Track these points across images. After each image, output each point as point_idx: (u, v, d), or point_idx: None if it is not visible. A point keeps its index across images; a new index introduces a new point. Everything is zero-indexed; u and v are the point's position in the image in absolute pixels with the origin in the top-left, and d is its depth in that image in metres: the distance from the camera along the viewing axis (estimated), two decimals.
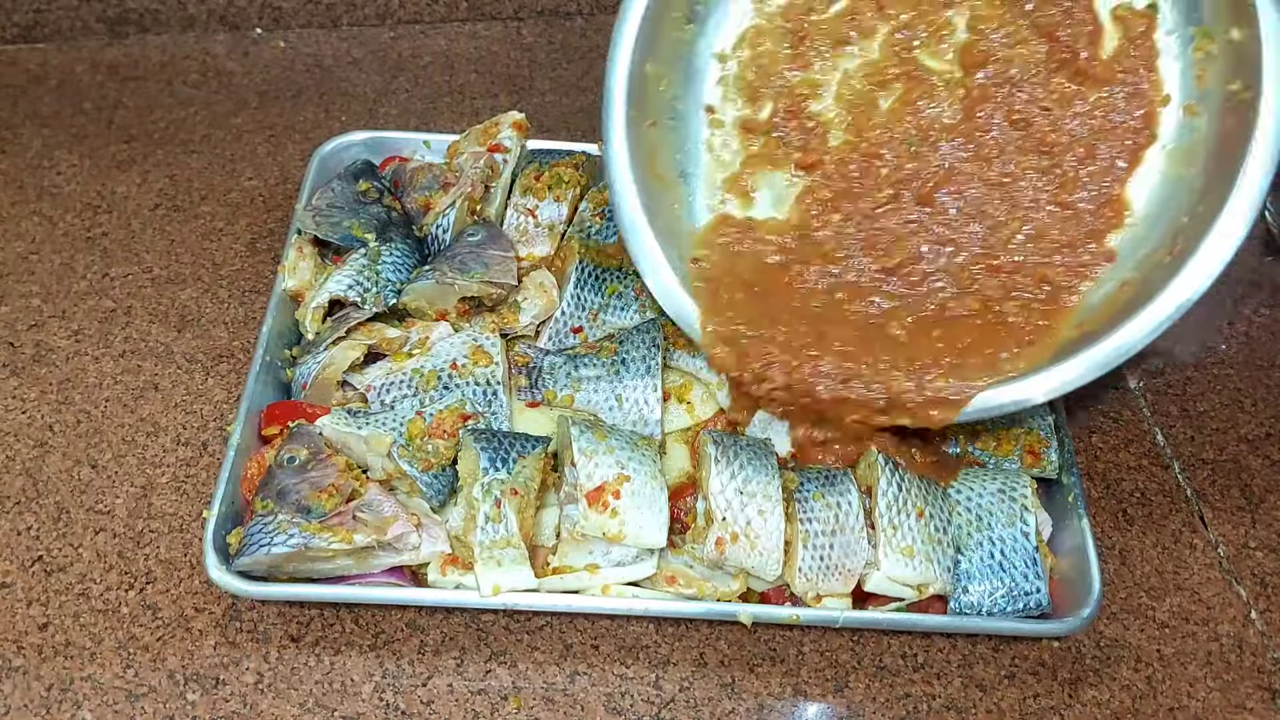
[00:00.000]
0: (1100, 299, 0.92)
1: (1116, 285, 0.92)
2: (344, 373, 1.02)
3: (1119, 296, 0.90)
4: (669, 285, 0.97)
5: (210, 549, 0.89)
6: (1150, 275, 0.89)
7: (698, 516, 0.94)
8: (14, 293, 1.18)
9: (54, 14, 1.45)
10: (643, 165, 0.98)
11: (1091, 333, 0.89)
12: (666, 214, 1.00)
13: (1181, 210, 0.90)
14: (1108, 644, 0.97)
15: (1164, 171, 0.93)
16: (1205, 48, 0.90)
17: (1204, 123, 0.91)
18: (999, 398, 0.89)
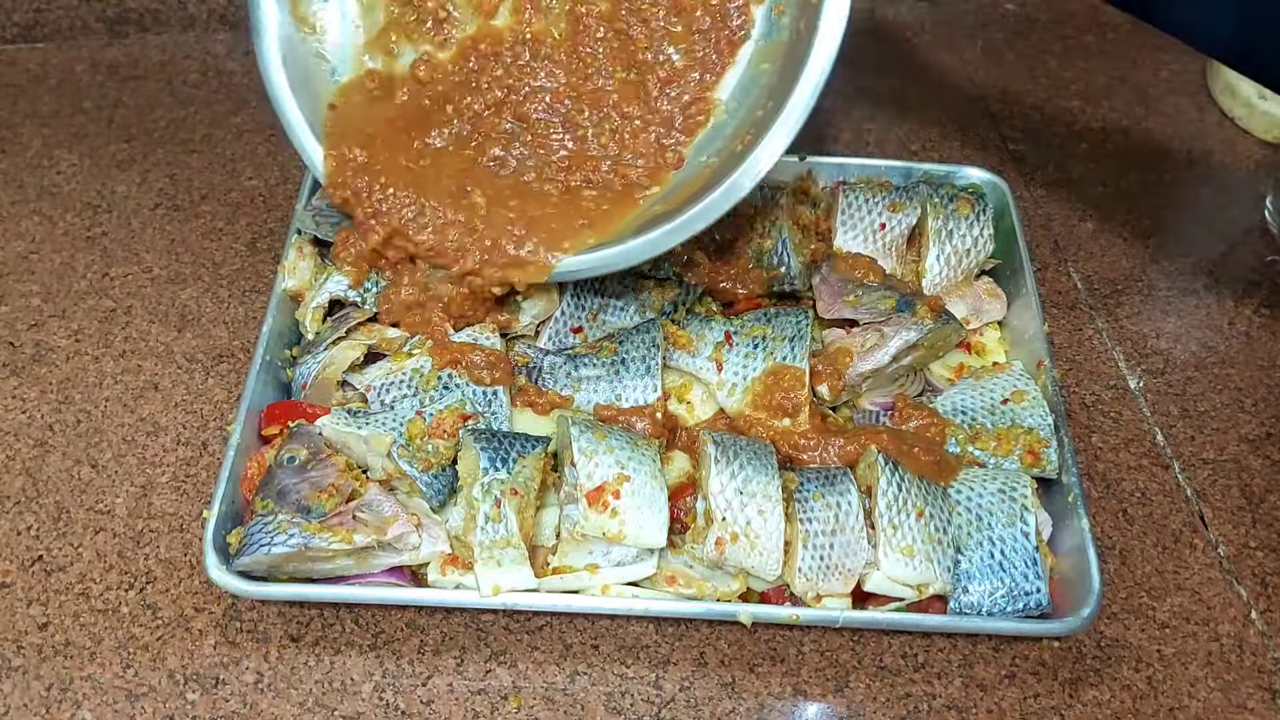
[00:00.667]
0: (685, 178, 0.99)
1: (700, 167, 0.99)
2: (344, 373, 1.02)
3: (702, 174, 0.97)
4: (299, 126, 1.02)
5: (210, 549, 0.89)
6: (724, 163, 0.96)
7: (698, 516, 0.94)
8: (14, 292, 1.18)
9: (54, 14, 1.45)
10: (288, 8, 1.02)
11: (672, 209, 0.96)
12: (307, 59, 1.04)
13: (756, 105, 0.97)
14: (1108, 644, 0.97)
15: (749, 67, 1.00)
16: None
17: (787, 22, 0.97)
18: (579, 264, 0.97)
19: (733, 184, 0.91)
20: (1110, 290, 1.27)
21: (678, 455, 1.01)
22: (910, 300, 1.07)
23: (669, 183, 1.00)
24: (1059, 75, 1.55)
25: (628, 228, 0.97)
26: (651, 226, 0.95)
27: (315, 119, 1.03)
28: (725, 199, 0.92)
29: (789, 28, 0.97)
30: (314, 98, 1.03)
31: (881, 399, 1.07)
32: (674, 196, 0.98)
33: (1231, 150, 1.44)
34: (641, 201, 0.99)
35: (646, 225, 0.96)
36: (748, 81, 1.00)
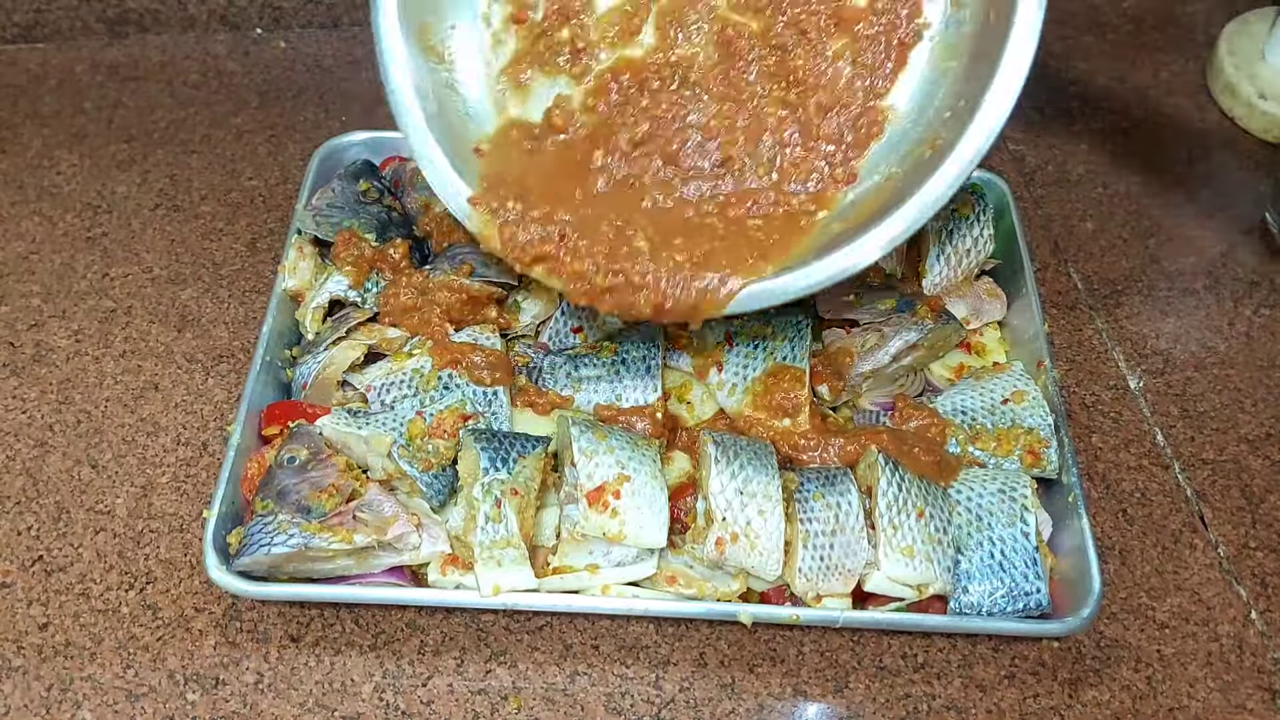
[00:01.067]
0: (864, 195, 0.93)
1: (881, 179, 0.93)
2: (344, 373, 1.02)
3: (885, 188, 0.91)
4: (443, 169, 0.94)
5: (210, 549, 0.89)
6: (913, 171, 0.90)
7: (698, 516, 0.94)
8: (14, 293, 1.18)
9: (54, 14, 1.45)
10: (417, 36, 0.96)
11: (854, 227, 0.89)
12: (439, 90, 0.97)
13: (944, 105, 0.91)
14: (1108, 644, 0.97)
15: (929, 65, 0.93)
16: None
17: (968, 14, 0.91)
18: (760, 291, 0.90)
19: (928, 197, 0.85)
20: (1110, 290, 1.27)
21: (678, 455, 1.01)
22: (910, 300, 1.07)
23: (839, 202, 0.94)
24: (1059, 75, 1.55)
25: (806, 251, 0.90)
26: (833, 247, 0.88)
27: (457, 157, 0.95)
28: (920, 210, 0.85)
29: (973, 19, 0.90)
30: (449, 132, 0.97)
31: (881, 399, 1.07)
32: (855, 213, 0.92)
33: (1231, 150, 1.44)
34: (814, 226, 0.92)
35: (827, 246, 0.89)
36: (929, 84, 0.93)
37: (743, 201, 0.95)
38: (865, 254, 0.87)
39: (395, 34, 0.94)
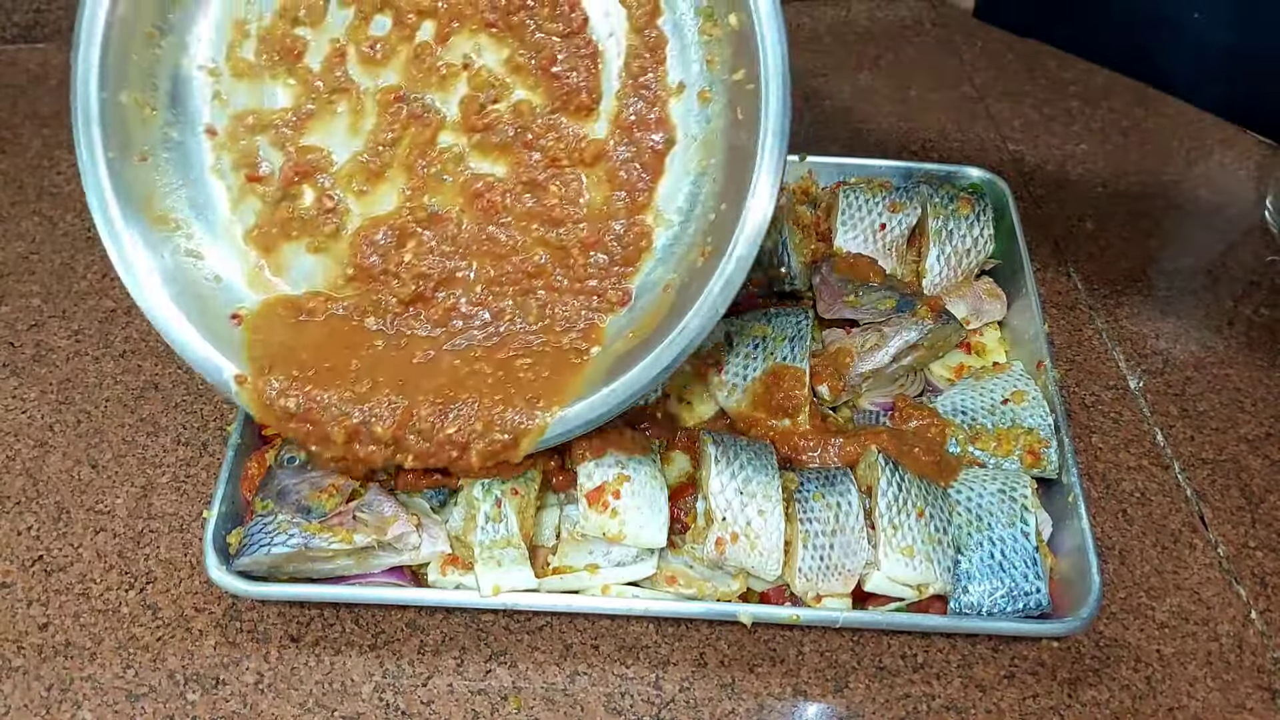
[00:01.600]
0: (645, 308, 0.90)
1: (659, 290, 0.89)
2: None
3: (664, 300, 0.88)
4: (198, 349, 0.88)
5: (210, 549, 0.89)
6: (689, 278, 0.87)
7: (698, 516, 0.94)
8: (14, 293, 1.18)
9: (54, 14, 1.45)
10: (139, 208, 0.87)
11: (644, 341, 0.86)
12: (179, 261, 0.90)
13: (708, 207, 0.88)
14: (1108, 644, 0.97)
15: (688, 166, 0.90)
16: (709, 31, 0.86)
17: (719, 110, 0.88)
18: (560, 429, 0.86)
19: (706, 305, 0.82)
20: (1110, 290, 1.27)
21: (678, 455, 1.01)
22: (910, 300, 1.07)
23: (609, 333, 0.90)
24: (1059, 75, 1.55)
25: (589, 381, 0.87)
26: (625, 366, 0.85)
27: (211, 331, 0.89)
28: (701, 323, 0.83)
29: (722, 114, 0.87)
30: (199, 303, 0.90)
31: (881, 399, 1.07)
32: (639, 328, 0.89)
33: (1231, 150, 1.44)
34: (585, 361, 0.89)
35: (618, 365, 0.86)
36: (691, 185, 0.90)
37: (511, 345, 0.91)
38: (650, 374, 0.84)
39: (114, 214, 0.86)
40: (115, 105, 0.85)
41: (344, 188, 0.93)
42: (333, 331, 0.91)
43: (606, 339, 0.90)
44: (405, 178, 0.92)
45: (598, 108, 0.90)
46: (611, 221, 0.91)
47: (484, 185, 0.92)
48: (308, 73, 0.91)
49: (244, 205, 0.93)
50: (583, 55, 0.89)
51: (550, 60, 0.89)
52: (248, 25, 0.90)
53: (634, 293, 0.91)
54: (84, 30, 0.83)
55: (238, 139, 0.92)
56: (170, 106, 0.90)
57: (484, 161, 0.92)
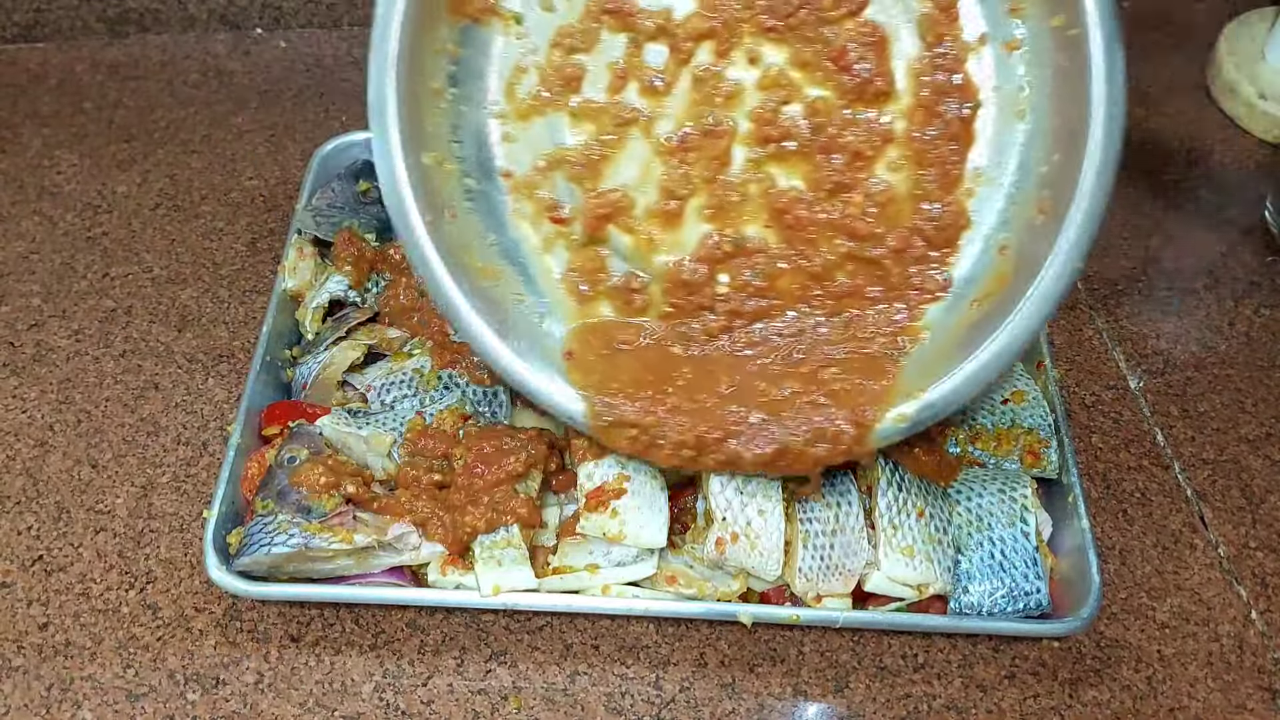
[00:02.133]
0: (978, 279, 0.88)
1: (994, 254, 0.87)
2: (344, 373, 1.02)
3: (1003, 263, 0.87)
4: (548, 389, 0.88)
5: (210, 549, 0.89)
6: (1028, 236, 0.85)
7: (698, 516, 0.94)
8: (14, 293, 1.18)
9: (54, 14, 1.45)
10: (463, 265, 0.87)
11: (989, 312, 0.85)
12: (511, 307, 0.90)
13: (1037, 159, 0.85)
14: (1108, 644, 0.97)
15: (1004, 123, 0.86)
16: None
17: (1032, 57, 0.84)
18: (930, 409, 0.85)
19: (1060, 259, 0.80)
20: (1110, 290, 1.27)
21: None
22: None
23: (933, 316, 0.88)
24: None
25: (917, 370, 0.86)
26: (981, 335, 0.83)
27: (552, 367, 0.89)
28: (1058, 278, 0.80)
29: (1037, 62, 0.84)
30: (535, 346, 0.90)
31: None
32: (982, 295, 0.87)
33: (1231, 150, 1.44)
34: (898, 364, 0.87)
35: (970, 338, 0.84)
36: (1011, 141, 0.86)
37: (811, 359, 0.90)
38: (1020, 335, 0.82)
39: (442, 276, 0.86)
40: (419, 169, 0.85)
41: (644, 222, 0.91)
42: (645, 363, 0.91)
43: (929, 327, 0.89)
44: (705, 196, 0.90)
45: (893, 89, 0.87)
46: (923, 205, 0.88)
47: (788, 201, 0.89)
48: (590, 104, 0.89)
49: (555, 247, 0.92)
50: (869, 41, 0.86)
51: (839, 53, 0.86)
52: (524, 61, 0.89)
53: (955, 278, 0.89)
54: (377, 101, 0.82)
55: (534, 181, 0.91)
56: (464, 157, 0.89)
57: (782, 171, 0.90)
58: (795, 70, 0.87)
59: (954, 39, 0.86)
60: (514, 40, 0.88)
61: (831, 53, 0.86)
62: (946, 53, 0.86)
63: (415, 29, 0.82)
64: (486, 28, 0.87)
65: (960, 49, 0.86)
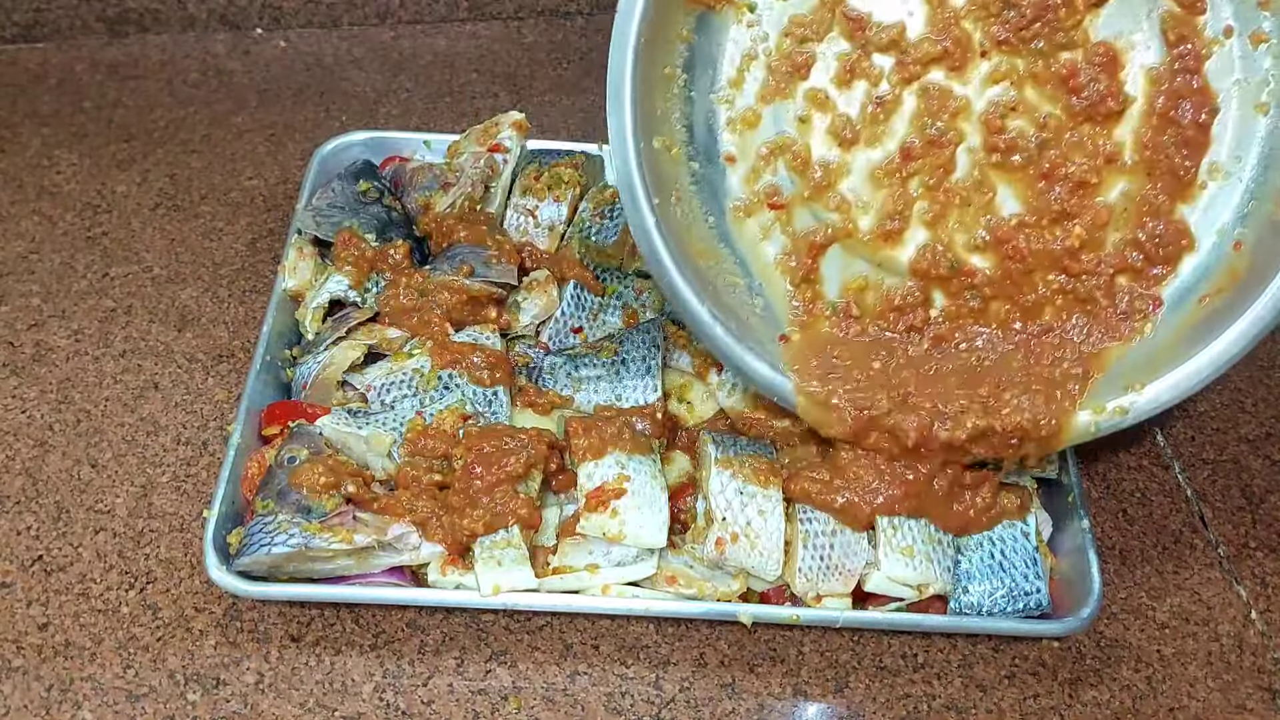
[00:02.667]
0: (1214, 267, 0.88)
1: (1228, 249, 0.87)
2: (344, 373, 1.02)
3: (1236, 261, 0.87)
4: (763, 373, 0.91)
5: (210, 549, 0.89)
6: (1265, 233, 0.85)
7: (698, 516, 0.94)
8: (14, 292, 1.18)
9: (54, 14, 1.45)
10: (684, 248, 0.90)
11: (1218, 309, 0.86)
12: (724, 289, 0.93)
13: (1277, 156, 0.85)
14: (1108, 644, 0.97)
15: (1242, 123, 0.86)
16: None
17: (1279, 49, 0.83)
18: (1154, 402, 0.88)
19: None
20: None
21: (678, 455, 1.01)
22: None
23: (1127, 351, 0.90)
24: None
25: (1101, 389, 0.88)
26: (1210, 332, 0.86)
27: (768, 354, 0.92)
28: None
29: None
30: (751, 334, 0.92)
31: None
32: (1214, 290, 0.88)
33: None
34: (1084, 383, 0.90)
35: (1197, 334, 0.86)
36: (1245, 137, 0.86)
37: (986, 379, 0.92)
38: (1260, 322, 0.84)
39: (666, 261, 0.88)
40: (650, 153, 0.87)
41: (861, 214, 0.92)
42: (864, 350, 0.94)
43: (1112, 363, 0.90)
44: (927, 202, 0.91)
45: (1125, 105, 0.87)
46: (1147, 220, 0.88)
47: (1009, 230, 0.90)
48: (818, 92, 0.91)
49: (772, 234, 0.94)
50: (1101, 61, 0.86)
51: (1071, 71, 0.87)
52: (755, 49, 0.91)
53: (1166, 298, 0.90)
54: (615, 87, 0.85)
55: (758, 167, 0.93)
56: (691, 141, 0.92)
57: (1004, 181, 0.90)
58: (1028, 83, 0.88)
59: (1196, 37, 0.85)
60: (745, 28, 0.90)
61: (1064, 71, 0.87)
62: (1187, 53, 0.85)
63: (655, 17, 0.84)
64: (720, 15, 0.90)
65: (1202, 46, 0.85)
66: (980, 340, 0.93)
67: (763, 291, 0.95)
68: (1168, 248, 0.89)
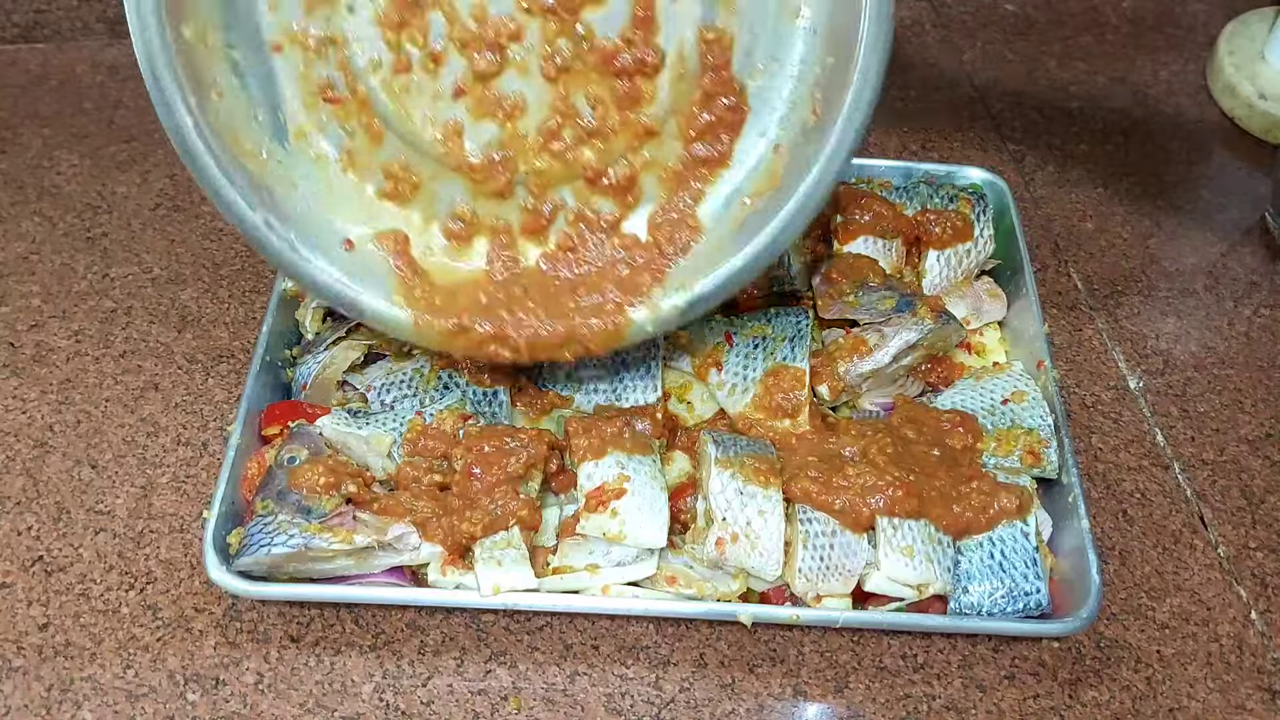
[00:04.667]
0: (757, 169, 0.90)
1: (770, 154, 0.89)
2: (344, 373, 1.02)
3: (776, 163, 0.88)
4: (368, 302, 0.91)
5: (210, 549, 0.89)
6: (803, 138, 0.86)
7: (698, 516, 0.94)
8: (14, 293, 1.18)
9: (54, 14, 1.45)
10: (231, 151, 0.84)
11: (760, 209, 0.88)
12: (281, 195, 0.88)
13: (809, 63, 0.85)
14: (1108, 644, 0.97)
15: (776, 21, 0.86)
16: None
17: None
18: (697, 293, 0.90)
19: (834, 144, 0.82)
20: (1110, 290, 1.27)
21: (678, 455, 1.01)
22: (910, 300, 1.07)
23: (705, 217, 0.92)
24: (1059, 75, 1.55)
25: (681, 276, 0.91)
26: (752, 229, 0.88)
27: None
28: (831, 163, 0.83)
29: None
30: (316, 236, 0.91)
31: (881, 399, 1.07)
32: (754, 193, 0.90)
33: (1231, 150, 1.44)
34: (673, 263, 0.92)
35: (741, 233, 0.88)
36: (782, 41, 0.86)
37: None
38: (791, 227, 0.86)
39: (228, 188, 0.85)
40: (181, 43, 0.79)
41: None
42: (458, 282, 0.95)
43: (705, 227, 0.92)
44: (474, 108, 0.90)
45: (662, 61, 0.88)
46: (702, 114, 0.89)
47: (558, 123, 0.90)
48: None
49: (329, 130, 0.90)
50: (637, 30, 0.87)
51: (611, 55, 0.88)
52: None
53: (733, 158, 0.90)
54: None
55: (309, 58, 0.86)
56: (227, 27, 0.83)
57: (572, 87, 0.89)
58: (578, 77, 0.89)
59: None
60: None
61: (603, 56, 0.88)
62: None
63: None
64: None
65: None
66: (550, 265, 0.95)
67: (326, 193, 0.90)
68: (732, 113, 0.89)
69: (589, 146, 0.92)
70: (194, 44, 0.81)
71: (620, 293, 0.92)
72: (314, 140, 0.90)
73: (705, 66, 0.88)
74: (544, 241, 0.96)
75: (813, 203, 0.85)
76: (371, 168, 0.92)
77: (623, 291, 0.92)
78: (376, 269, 0.93)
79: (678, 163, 0.92)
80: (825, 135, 0.83)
